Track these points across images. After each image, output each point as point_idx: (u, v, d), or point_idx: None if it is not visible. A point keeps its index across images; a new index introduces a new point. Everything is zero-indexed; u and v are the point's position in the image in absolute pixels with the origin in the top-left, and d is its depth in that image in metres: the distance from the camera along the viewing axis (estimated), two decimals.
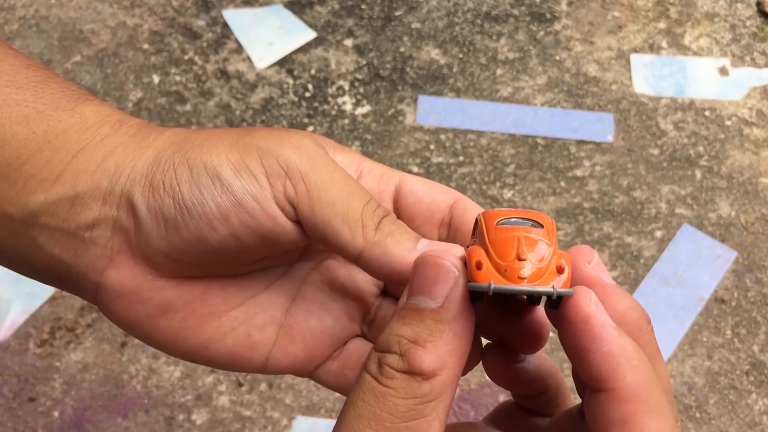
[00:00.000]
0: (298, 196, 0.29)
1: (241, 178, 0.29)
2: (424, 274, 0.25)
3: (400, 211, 0.33)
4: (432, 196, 0.33)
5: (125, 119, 0.33)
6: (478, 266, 0.24)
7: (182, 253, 0.30)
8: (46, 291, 1.35)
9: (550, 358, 0.31)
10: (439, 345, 0.24)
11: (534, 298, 0.26)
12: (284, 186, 0.29)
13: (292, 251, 0.33)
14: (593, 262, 0.26)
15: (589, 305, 0.24)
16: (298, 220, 0.29)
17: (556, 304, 0.25)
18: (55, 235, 0.31)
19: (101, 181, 0.30)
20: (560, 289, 0.24)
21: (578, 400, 0.29)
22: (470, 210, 0.32)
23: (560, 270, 0.24)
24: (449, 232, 0.32)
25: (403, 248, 0.28)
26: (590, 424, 0.24)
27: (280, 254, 0.32)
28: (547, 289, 0.24)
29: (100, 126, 0.32)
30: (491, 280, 0.24)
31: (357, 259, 0.29)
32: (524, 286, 0.24)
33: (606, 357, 0.23)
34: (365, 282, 0.34)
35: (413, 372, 0.24)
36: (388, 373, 0.24)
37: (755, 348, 1.31)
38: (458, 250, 0.28)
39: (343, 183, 0.29)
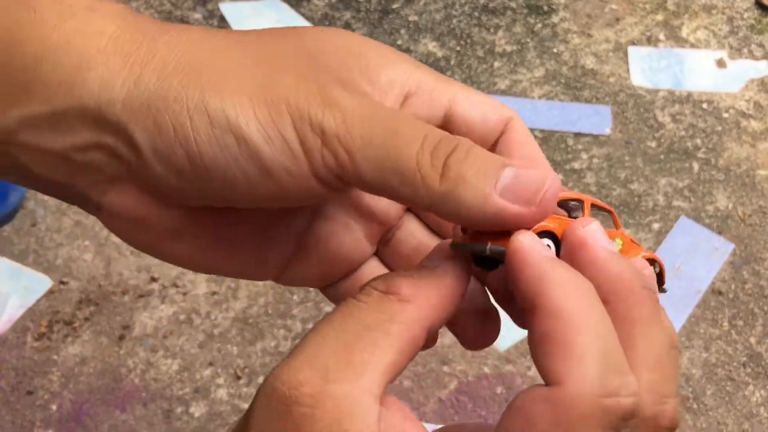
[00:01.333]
0: (341, 166, 0.25)
1: (272, 145, 0.24)
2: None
3: None
4: (486, 120, 0.29)
5: (93, 6, 0.26)
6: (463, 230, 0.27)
7: (196, 199, 0.27)
8: (44, 284, 1.35)
9: None
10: (422, 283, 0.25)
11: (486, 259, 0.27)
12: (322, 156, 0.25)
13: None
14: (587, 227, 0.27)
15: (519, 235, 0.25)
16: (343, 186, 0.26)
17: (493, 263, 0.27)
18: (39, 155, 0.26)
19: (84, 99, 0.25)
20: (495, 246, 0.25)
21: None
22: (519, 139, 0.29)
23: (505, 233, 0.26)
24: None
25: (478, 195, 0.24)
26: (530, 345, 0.24)
27: None
28: (497, 247, 0.25)
29: (63, 20, 0.25)
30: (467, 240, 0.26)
31: (430, 211, 0.26)
32: (472, 244, 0.26)
33: (534, 277, 0.24)
34: (392, 203, 0.31)
35: (389, 292, 0.24)
36: (367, 291, 0.25)
37: (752, 340, 1.31)
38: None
39: (389, 130, 0.25)
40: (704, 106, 1.55)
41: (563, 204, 0.29)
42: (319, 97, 0.25)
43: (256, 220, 0.30)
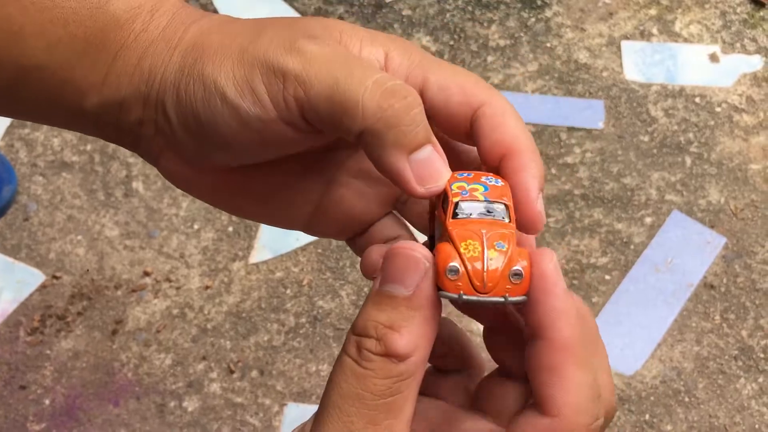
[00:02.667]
0: (299, 105, 0.28)
1: (245, 98, 0.28)
2: (396, 264, 0.27)
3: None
4: (449, 106, 0.31)
5: (157, 6, 0.32)
6: (451, 271, 0.26)
7: (213, 159, 0.32)
8: (37, 279, 1.35)
9: (451, 323, 0.34)
10: (411, 329, 0.26)
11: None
12: (284, 99, 0.28)
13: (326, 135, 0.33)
14: (554, 262, 0.28)
15: (548, 265, 0.27)
16: (310, 128, 0.29)
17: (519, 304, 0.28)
18: (110, 130, 0.33)
19: (140, 85, 0.31)
20: (514, 298, 0.27)
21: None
22: (500, 126, 0.30)
23: (518, 274, 0.26)
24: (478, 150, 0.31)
25: (395, 152, 0.28)
26: (527, 369, 0.27)
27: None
28: (518, 298, 0.27)
29: (133, 21, 0.31)
30: (461, 291, 0.26)
31: (362, 147, 0.29)
32: (489, 298, 0.26)
33: (551, 309, 0.26)
34: None
35: (389, 355, 0.26)
36: (367, 357, 0.26)
37: (744, 333, 1.32)
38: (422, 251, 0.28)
39: (345, 70, 0.28)
40: (697, 100, 1.55)
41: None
42: (287, 45, 0.28)
43: (277, 182, 0.34)
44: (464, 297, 0.26)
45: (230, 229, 1.41)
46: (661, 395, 1.27)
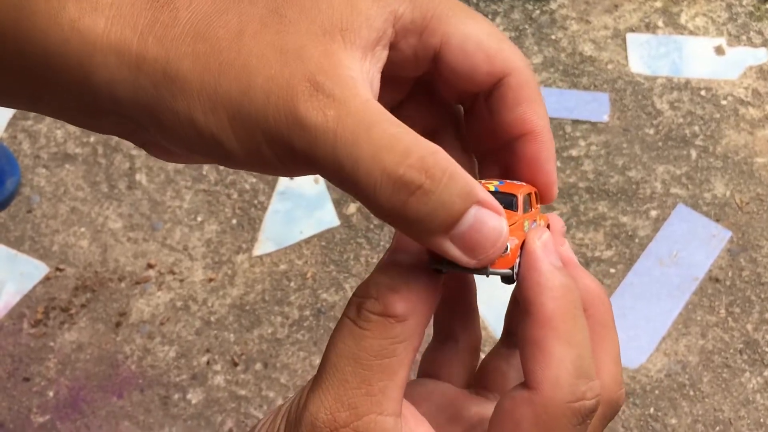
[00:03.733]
0: (310, 170, 0.26)
1: (250, 155, 0.25)
2: (403, 235, 0.28)
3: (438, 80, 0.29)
4: (474, 73, 0.28)
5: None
6: None
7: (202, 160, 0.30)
8: (40, 271, 1.35)
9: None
10: (411, 293, 0.27)
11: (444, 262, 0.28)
12: (294, 166, 0.26)
13: None
14: (543, 240, 0.28)
15: (535, 242, 0.27)
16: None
17: (508, 280, 0.28)
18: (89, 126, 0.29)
19: (100, 98, 0.26)
20: (497, 270, 0.27)
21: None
22: (525, 101, 0.29)
23: (503, 250, 0.27)
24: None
25: (429, 232, 0.25)
26: (517, 341, 0.28)
27: None
28: (501, 270, 0.27)
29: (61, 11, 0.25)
30: (444, 260, 0.27)
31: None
32: (468, 267, 0.27)
33: (535, 284, 0.27)
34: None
35: (387, 314, 0.26)
36: (366, 317, 0.27)
37: (749, 327, 1.31)
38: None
39: (353, 156, 0.24)
40: (702, 93, 1.55)
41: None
42: (288, 109, 0.25)
43: None
44: (447, 267, 0.27)
45: (234, 221, 1.40)
46: (666, 389, 1.27)
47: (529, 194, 0.29)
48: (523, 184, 0.29)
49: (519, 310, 0.28)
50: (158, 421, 1.24)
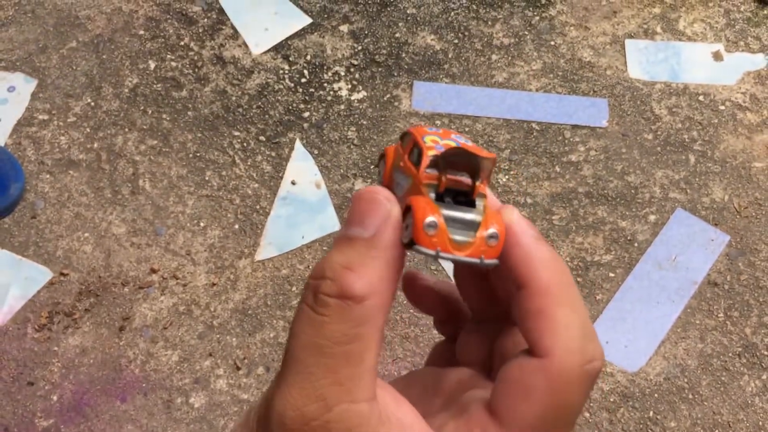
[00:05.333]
0: None
1: None
2: (358, 207, 0.27)
3: None
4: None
5: None
6: (429, 226, 0.26)
7: None
8: (44, 276, 1.36)
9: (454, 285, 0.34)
10: (369, 271, 0.25)
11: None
12: None
13: None
14: (516, 216, 0.28)
15: (512, 217, 0.27)
16: None
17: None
18: None
19: None
20: (489, 261, 0.27)
21: None
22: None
23: (494, 237, 0.27)
24: None
25: None
26: (516, 320, 0.27)
27: None
28: (492, 261, 0.27)
29: None
30: (438, 247, 0.26)
31: None
32: (466, 258, 0.26)
33: (526, 257, 0.27)
34: None
35: (344, 296, 0.25)
36: (322, 301, 0.25)
37: (747, 330, 1.32)
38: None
39: None
40: (701, 98, 1.56)
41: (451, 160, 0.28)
42: None
43: None
44: (441, 254, 0.26)
45: (236, 226, 1.41)
46: (665, 392, 1.27)
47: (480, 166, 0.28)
48: (459, 134, 0.29)
49: (504, 288, 0.28)
50: (161, 425, 1.25)
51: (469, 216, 0.26)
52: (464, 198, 0.27)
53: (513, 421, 0.26)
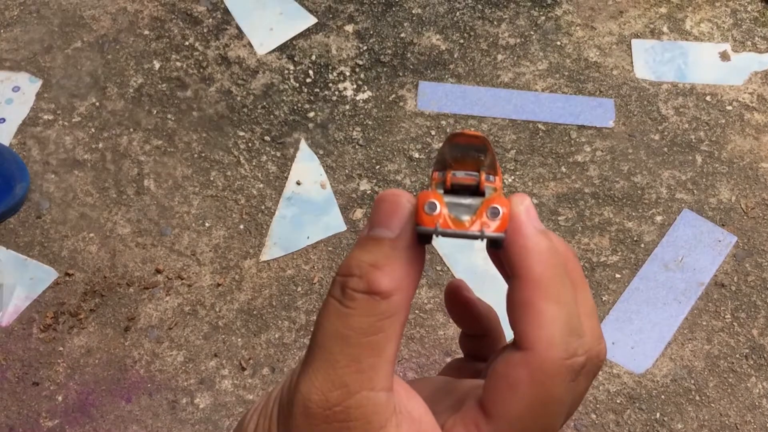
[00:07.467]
0: None
1: None
2: (383, 209, 0.28)
3: None
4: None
5: None
6: (429, 207, 0.27)
7: None
8: (50, 276, 1.36)
9: (488, 305, 0.36)
10: (395, 269, 0.27)
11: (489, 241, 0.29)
12: None
13: None
14: (525, 205, 0.29)
15: (519, 207, 0.28)
16: None
17: (497, 244, 0.28)
18: None
19: None
20: (491, 233, 0.27)
21: None
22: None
23: (495, 212, 0.27)
24: None
25: None
26: (507, 310, 0.28)
27: None
28: (495, 234, 0.27)
29: None
30: (437, 223, 0.27)
31: None
32: (465, 231, 0.27)
33: (522, 247, 0.27)
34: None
35: (372, 292, 0.27)
36: (350, 296, 0.27)
37: (755, 332, 1.32)
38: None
39: None
40: (708, 98, 1.55)
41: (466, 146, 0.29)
42: None
43: None
44: (440, 229, 0.27)
45: (241, 227, 1.41)
46: (672, 394, 1.27)
47: (487, 154, 0.29)
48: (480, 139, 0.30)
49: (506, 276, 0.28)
50: (166, 426, 1.25)
51: (473, 201, 0.27)
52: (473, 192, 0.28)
53: (500, 414, 0.27)
